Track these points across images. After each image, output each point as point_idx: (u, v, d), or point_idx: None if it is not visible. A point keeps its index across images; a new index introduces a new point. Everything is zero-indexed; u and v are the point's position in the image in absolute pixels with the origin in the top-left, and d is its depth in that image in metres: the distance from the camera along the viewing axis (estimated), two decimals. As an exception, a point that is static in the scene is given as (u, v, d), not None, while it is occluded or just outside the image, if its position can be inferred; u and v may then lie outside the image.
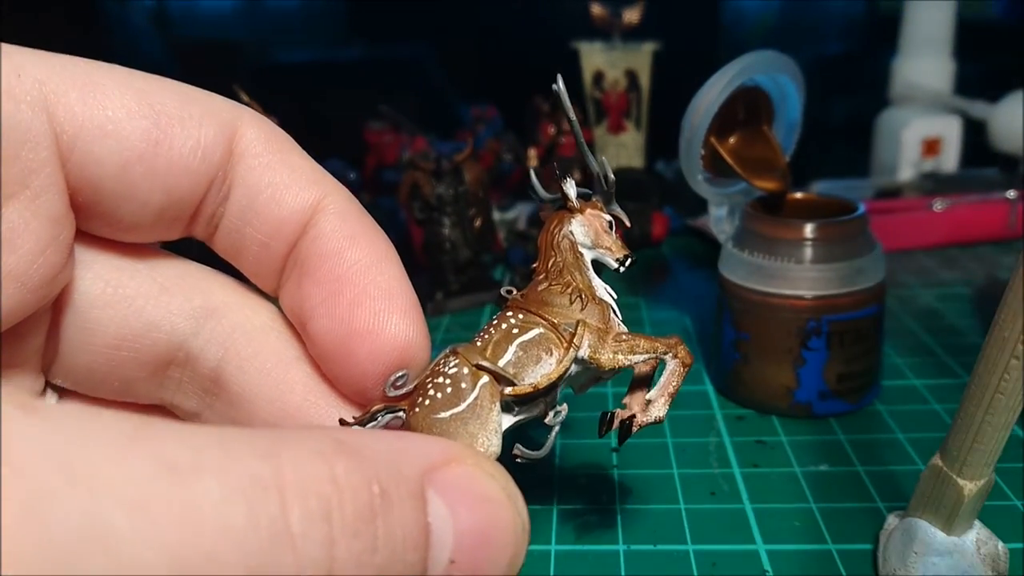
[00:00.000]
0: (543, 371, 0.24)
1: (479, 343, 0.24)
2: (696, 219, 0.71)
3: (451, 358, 0.24)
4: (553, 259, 0.26)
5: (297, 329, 0.26)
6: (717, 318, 0.45)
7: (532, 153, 0.70)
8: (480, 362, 0.23)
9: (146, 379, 0.26)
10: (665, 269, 0.69)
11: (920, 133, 0.78)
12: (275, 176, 0.25)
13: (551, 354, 0.24)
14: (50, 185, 0.21)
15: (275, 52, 1.22)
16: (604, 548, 0.33)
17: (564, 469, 0.39)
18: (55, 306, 0.24)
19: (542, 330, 0.24)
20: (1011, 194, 0.69)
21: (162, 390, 0.27)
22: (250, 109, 0.25)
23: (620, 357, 0.25)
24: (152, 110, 0.23)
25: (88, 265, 0.25)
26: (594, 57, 0.74)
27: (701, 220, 0.69)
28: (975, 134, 0.78)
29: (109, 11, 1.17)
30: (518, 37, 1.10)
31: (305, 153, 0.26)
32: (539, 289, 0.26)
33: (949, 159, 0.79)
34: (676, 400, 0.46)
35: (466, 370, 0.23)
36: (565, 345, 0.24)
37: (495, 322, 0.25)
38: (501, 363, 0.23)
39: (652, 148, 0.77)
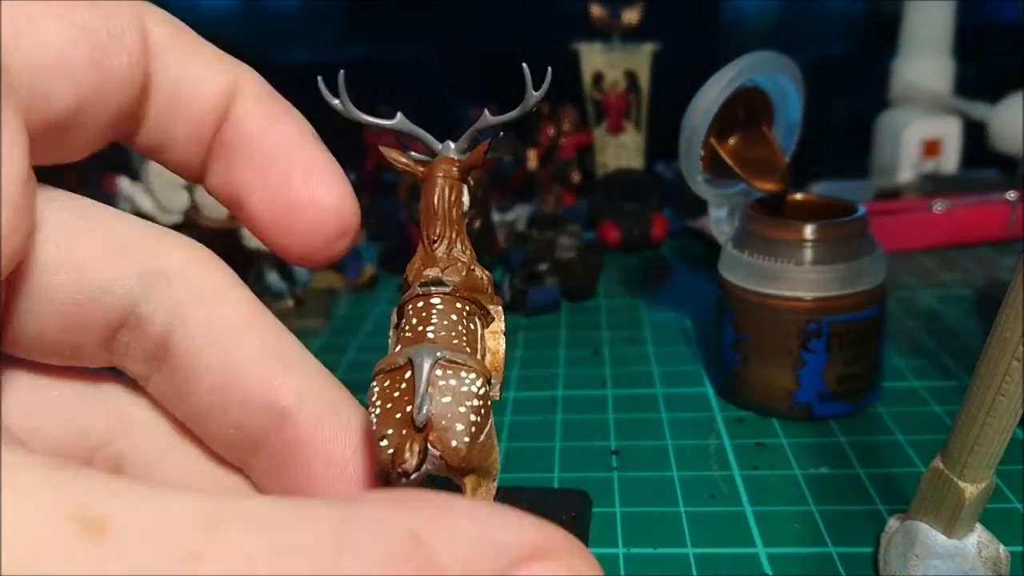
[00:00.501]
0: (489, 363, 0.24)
1: (456, 341, 0.23)
2: (696, 220, 0.71)
3: (464, 372, 0.22)
4: (457, 233, 0.25)
5: (231, 211, 0.27)
6: (717, 319, 0.45)
7: (531, 154, 0.70)
8: (491, 376, 0.22)
9: (96, 344, 0.26)
10: (665, 270, 0.69)
11: (920, 134, 0.78)
12: (191, 69, 0.25)
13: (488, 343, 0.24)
14: (13, 144, 0.20)
15: (275, 52, 1.22)
16: (603, 551, 0.32)
17: (563, 471, 0.39)
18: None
19: (477, 319, 0.24)
20: (1011, 195, 0.69)
21: (111, 354, 0.26)
22: (147, 3, 0.25)
23: None
24: (84, 32, 0.22)
25: (37, 227, 0.23)
26: (593, 58, 0.74)
27: (701, 221, 0.69)
28: (975, 135, 0.78)
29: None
30: (517, 38, 1.10)
31: (206, 40, 0.26)
32: (462, 273, 0.25)
33: (949, 160, 0.79)
34: (675, 402, 0.46)
35: (486, 388, 0.22)
36: (492, 330, 0.25)
37: (449, 315, 0.24)
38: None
39: (652, 149, 0.77)
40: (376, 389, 0.22)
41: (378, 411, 0.22)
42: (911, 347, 0.50)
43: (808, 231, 0.40)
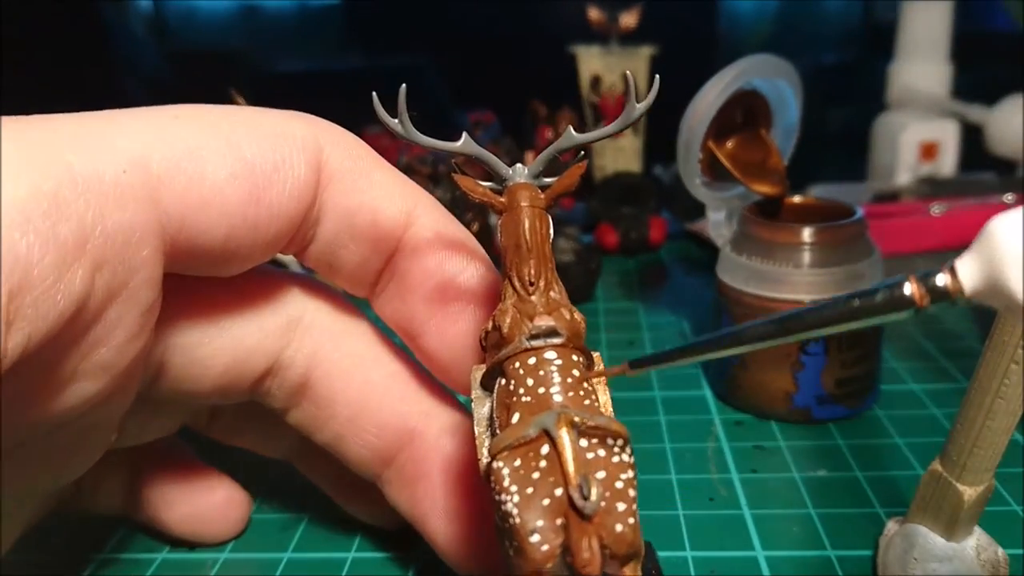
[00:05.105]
0: None
1: (588, 402, 0.19)
2: (694, 223, 0.71)
3: (610, 439, 0.18)
4: (552, 272, 0.22)
5: (403, 339, 0.28)
6: (715, 322, 0.45)
7: (530, 157, 0.70)
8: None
9: (244, 390, 0.28)
10: (663, 273, 0.69)
11: (917, 137, 0.78)
12: (366, 197, 0.25)
13: None
14: (147, 279, 0.21)
15: (274, 61, 1.22)
16: (602, 555, 0.32)
17: (562, 475, 0.39)
18: (161, 349, 0.25)
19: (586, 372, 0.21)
20: (1008, 198, 0.69)
21: (255, 394, 0.28)
22: (326, 125, 0.25)
23: None
24: (249, 166, 0.22)
25: (189, 307, 0.25)
26: (591, 61, 0.74)
27: (699, 224, 0.69)
28: (972, 138, 0.78)
29: (108, 19, 1.17)
30: (516, 41, 1.11)
31: (384, 161, 0.26)
32: (567, 318, 0.21)
33: (947, 163, 0.79)
34: (674, 405, 0.46)
35: (632, 455, 0.19)
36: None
37: (571, 371, 0.20)
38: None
39: (650, 152, 0.77)
40: (506, 471, 0.17)
41: (516, 499, 0.17)
42: (909, 350, 0.50)
43: (806, 234, 0.40)
